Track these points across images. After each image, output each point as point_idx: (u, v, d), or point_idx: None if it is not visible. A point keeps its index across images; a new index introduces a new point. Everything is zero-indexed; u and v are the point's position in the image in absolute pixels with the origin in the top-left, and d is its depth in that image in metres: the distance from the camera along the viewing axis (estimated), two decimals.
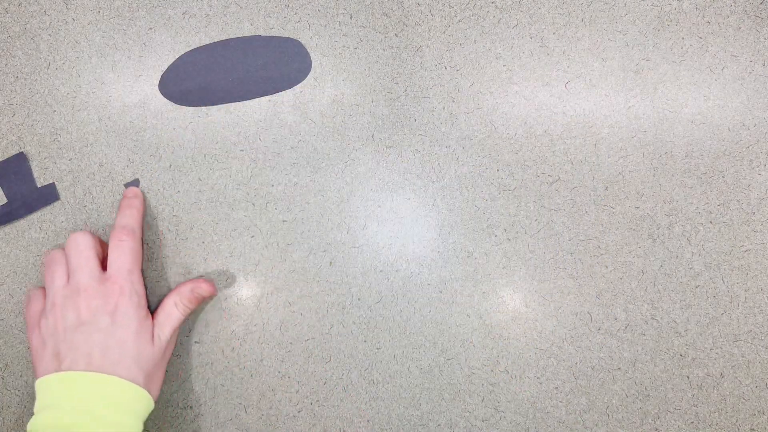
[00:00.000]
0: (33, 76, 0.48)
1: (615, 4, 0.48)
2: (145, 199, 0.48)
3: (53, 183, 0.47)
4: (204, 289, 0.46)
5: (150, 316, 0.44)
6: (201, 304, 0.48)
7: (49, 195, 0.47)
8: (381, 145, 0.48)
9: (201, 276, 0.48)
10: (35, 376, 0.42)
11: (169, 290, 0.47)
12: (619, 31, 0.48)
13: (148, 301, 0.45)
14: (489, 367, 0.48)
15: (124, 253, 0.44)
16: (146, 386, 0.42)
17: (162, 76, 0.48)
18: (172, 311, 0.45)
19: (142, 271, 0.47)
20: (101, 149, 0.48)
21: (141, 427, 0.41)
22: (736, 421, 0.47)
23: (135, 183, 0.47)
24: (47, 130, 0.48)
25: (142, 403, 0.41)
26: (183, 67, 0.48)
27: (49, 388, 0.40)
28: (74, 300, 0.42)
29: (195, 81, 0.48)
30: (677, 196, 0.47)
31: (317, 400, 0.48)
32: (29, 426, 0.40)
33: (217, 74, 0.48)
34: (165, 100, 0.48)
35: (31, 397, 0.47)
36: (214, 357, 0.47)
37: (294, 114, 0.48)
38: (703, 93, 0.48)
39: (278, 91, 0.48)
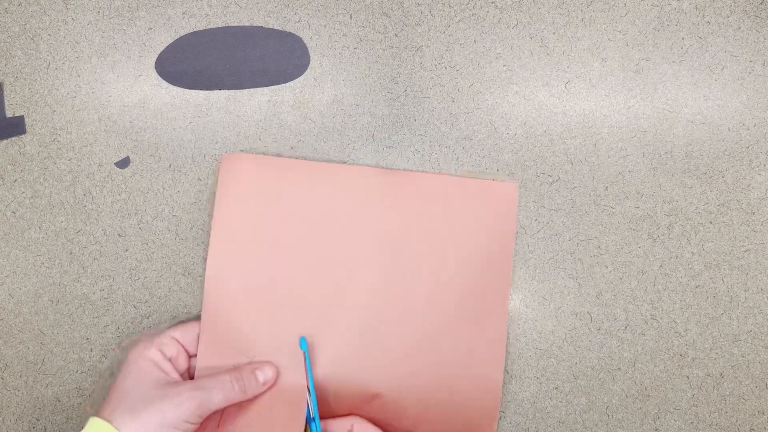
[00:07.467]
0: (33, 76, 0.48)
1: (615, 4, 0.48)
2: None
3: (22, 116, 0.47)
4: (269, 375, 0.43)
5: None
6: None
7: (16, 126, 0.46)
8: (381, 145, 0.48)
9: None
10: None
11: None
12: (619, 31, 0.48)
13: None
14: None
15: None
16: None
17: (160, 54, 0.48)
18: (221, 387, 0.40)
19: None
20: (101, 149, 0.48)
21: None
22: (736, 421, 0.47)
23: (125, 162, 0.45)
24: (47, 130, 0.48)
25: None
26: (182, 48, 0.48)
27: None
28: None
29: (191, 63, 0.48)
30: (677, 196, 0.47)
31: None
32: None
33: (215, 59, 0.48)
34: (165, 100, 0.48)
35: (31, 396, 0.47)
36: None
37: (294, 114, 0.48)
38: (703, 93, 0.48)
39: (272, 84, 0.48)
